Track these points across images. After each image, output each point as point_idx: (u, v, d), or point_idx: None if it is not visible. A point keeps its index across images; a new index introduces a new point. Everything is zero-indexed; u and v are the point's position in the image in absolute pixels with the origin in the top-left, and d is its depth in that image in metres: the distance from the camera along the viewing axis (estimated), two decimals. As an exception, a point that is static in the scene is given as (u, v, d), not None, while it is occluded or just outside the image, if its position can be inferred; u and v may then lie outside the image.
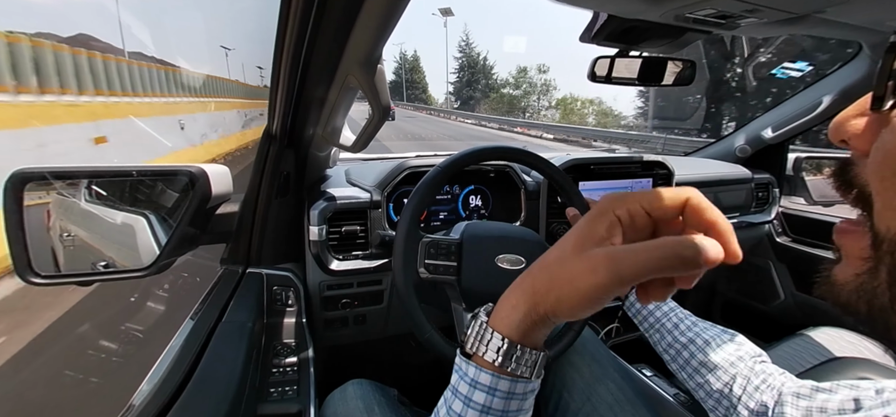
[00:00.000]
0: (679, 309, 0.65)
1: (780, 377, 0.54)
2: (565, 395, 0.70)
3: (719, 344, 0.59)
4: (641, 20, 0.76)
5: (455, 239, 0.68)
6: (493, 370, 0.32)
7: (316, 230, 0.84)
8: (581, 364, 0.71)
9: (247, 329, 0.64)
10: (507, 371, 0.32)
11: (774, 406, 0.51)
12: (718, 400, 0.57)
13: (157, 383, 0.51)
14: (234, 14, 43.85)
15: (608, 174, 1.10)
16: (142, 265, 0.65)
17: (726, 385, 0.56)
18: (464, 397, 0.33)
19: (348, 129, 0.79)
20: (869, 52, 1.02)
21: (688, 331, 0.62)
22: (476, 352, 0.33)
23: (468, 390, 0.32)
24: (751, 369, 0.56)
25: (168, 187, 0.71)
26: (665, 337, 0.64)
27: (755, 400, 0.53)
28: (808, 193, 1.41)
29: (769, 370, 0.56)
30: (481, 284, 0.67)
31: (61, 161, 1.02)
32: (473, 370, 0.32)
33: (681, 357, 0.62)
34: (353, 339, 0.96)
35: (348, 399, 0.65)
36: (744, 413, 0.54)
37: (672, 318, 0.64)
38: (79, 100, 5.03)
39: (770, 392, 0.52)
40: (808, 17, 0.71)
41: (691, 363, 0.60)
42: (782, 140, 1.39)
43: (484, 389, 0.32)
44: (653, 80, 0.98)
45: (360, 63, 0.50)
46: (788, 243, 1.43)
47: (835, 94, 1.17)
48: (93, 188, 0.68)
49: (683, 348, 0.61)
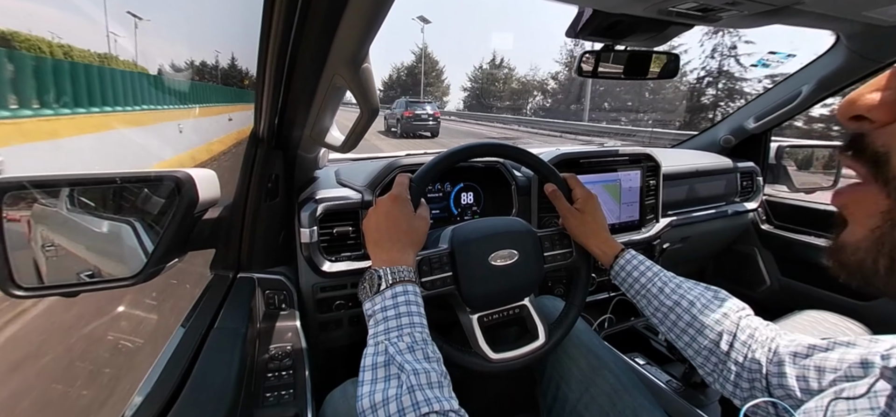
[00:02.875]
0: (662, 274, 0.66)
1: (767, 330, 0.55)
2: (563, 387, 0.71)
3: (703, 302, 0.60)
4: (626, 14, 0.77)
5: (445, 249, 0.67)
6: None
7: (307, 232, 0.83)
8: (578, 357, 0.72)
9: (239, 334, 0.63)
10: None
11: (768, 365, 0.51)
12: (707, 357, 0.58)
13: (149, 394, 0.50)
14: (215, 15, 43.06)
15: (597, 167, 1.11)
16: (129, 274, 0.64)
17: (713, 342, 0.57)
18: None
19: (337, 130, 0.78)
20: (846, 42, 1.05)
21: (672, 294, 0.62)
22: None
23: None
24: (736, 325, 0.57)
25: (153, 193, 0.70)
26: (651, 301, 0.64)
27: (744, 356, 0.54)
28: (791, 181, 1.45)
29: (754, 324, 0.57)
30: (481, 287, 0.67)
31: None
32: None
33: (668, 320, 0.62)
34: (348, 340, 0.96)
35: (349, 397, 0.65)
36: (733, 368, 0.55)
37: (656, 283, 0.64)
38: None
39: (762, 349, 0.53)
40: (786, 8, 0.72)
41: (678, 324, 0.61)
42: (765, 129, 1.42)
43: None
44: (638, 74, 1.00)
45: (347, 62, 0.50)
46: (773, 230, 1.47)
47: (813, 84, 1.20)
48: (75, 196, 0.67)
49: (670, 311, 0.62)
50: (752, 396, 0.53)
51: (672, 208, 1.27)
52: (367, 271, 0.57)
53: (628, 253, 0.69)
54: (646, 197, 1.18)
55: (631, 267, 0.67)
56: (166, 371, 0.54)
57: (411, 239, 0.61)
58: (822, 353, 0.46)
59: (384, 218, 0.60)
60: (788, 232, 1.42)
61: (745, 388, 0.54)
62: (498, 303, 0.70)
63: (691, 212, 1.30)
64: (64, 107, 6.33)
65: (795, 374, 0.47)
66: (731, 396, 0.56)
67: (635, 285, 0.67)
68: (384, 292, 0.54)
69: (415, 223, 0.62)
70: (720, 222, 1.37)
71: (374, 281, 0.55)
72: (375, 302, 0.54)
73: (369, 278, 0.56)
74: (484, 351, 0.66)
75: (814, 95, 1.22)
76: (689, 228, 1.28)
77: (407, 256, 0.59)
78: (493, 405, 1.03)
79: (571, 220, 0.73)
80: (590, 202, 0.73)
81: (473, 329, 0.67)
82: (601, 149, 1.19)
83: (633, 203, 1.17)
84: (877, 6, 0.76)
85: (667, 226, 1.21)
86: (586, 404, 0.68)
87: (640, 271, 0.66)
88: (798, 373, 0.47)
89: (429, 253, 0.66)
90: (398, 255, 0.58)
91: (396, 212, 0.60)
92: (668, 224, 1.21)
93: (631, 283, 0.67)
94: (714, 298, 0.61)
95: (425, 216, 0.65)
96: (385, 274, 0.55)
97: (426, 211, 0.66)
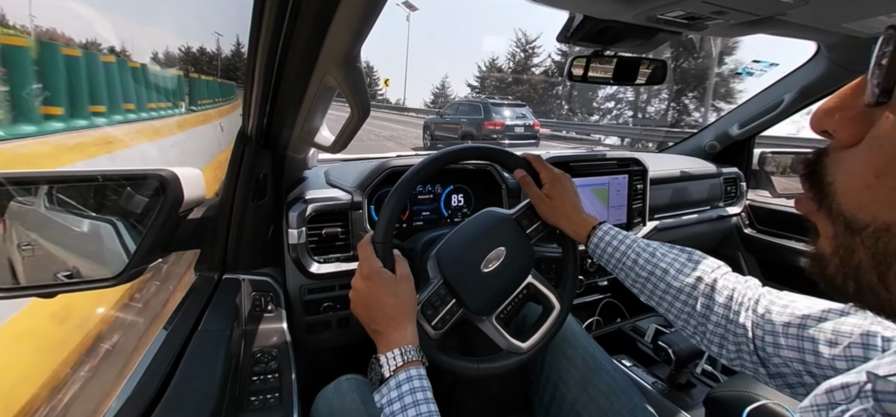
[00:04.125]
0: (636, 244, 0.65)
1: (745, 290, 0.55)
2: (561, 387, 0.72)
3: (677, 268, 0.61)
4: (615, 21, 0.78)
5: (439, 282, 0.66)
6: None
7: (295, 233, 0.82)
8: (575, 357, 0.73)
9: (224, 337, 0.62)
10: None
11: (754, 329, 0.51)
12: (687, 320, 0.59)
13: (129, 399, 0.48)
14: (204, 12, 42.07)
15: (587, 171, 1.12)
16: (110, 274, 0.62)
17: (690, 306, 0.58)
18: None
19: (327, 130, 0.78)
20: (826, 52, 1.08)
21: (647, 264, 0.63)
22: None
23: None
24: (711, 287, 0.57)
25: (137, 192, 0.68)
26: (629, 274, 0.65)
27: (725, 318, 0.55)
28: (772, 186, 1.48)
29: (730, 284, 0.57)
30: (485, 295, 0.67)
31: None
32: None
33: (646, 289, 0.63)
34: (336, 343, 0.95)
35: (343, 392, 0.64)
36: (716, 329, 0.56)
37: (631, 255, 0.65)
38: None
39: (745, 313, 0.53)
40: (770, 19, 0.75)
41: (656, 293, 0.62)
42: (748, 136, 1.45)
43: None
44: (626, 80, 1.01)
45: (338, 62, 0.49)
46: (755, 234, 1.50)
47: (795, 93, 1.24)
48: (54, 194, 0.65)
49: (647, 280, 0.63)
50: (740, 359, 0.53)
51: (658, 212, 1.29)
52: (371, 359, 0.56)
53: (601, 230, 0.69)
54: (633, 200, 1.20)
55: (604, 243, 0.68)
56: (147, 375, 0.52)
57: (402, 310, 0.57)
58: (816, 325, 0.46)
59: (365, 302, 0.57)
60: (770, 237, 1.46)
61: (731, 351, 0.54)
62: (507, 296, 0.70)
63: (677, 216, 1.33)
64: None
65: (790, 345, 0.47)
66: (718, 356, 0.57)
67: (611, 259, 0.67)
68: (389, 382, 0.52)
69: (398, 290, 0.57)
70: (705, 226, 1.39)
71: (376, 371, 0.54)
72: (383, 394, 0.52)
73: (371, 368, 0.55)
74: (516, 346, 0.68)
75: (795, 103, 1.25)
76: (675, 232, 1.30)
77: (404, 331, 0.56)
78: (486, 409, 1.03)
79: (542, 207, 0.72)
80: (557, 185, 0.72)
81: (497, 330, 0.68)
82: (590, 153, 1.20)
83: (621, 206, 1.18)
84: (855, 19, 0.79)
85: (653, 230, 1.23)
86: (585, 403, 0.69)
87: (614, 245, 0.66)
88: (794, 344, 0.47)
89: (427, 295, 0.64)
90: (396, 335, 0.55)
91: (376, 291, 0.56)
92: (654, 227, 1.23)
93: (607, 258, 0.68)
94: (688, 261, 0.61)
95: (406, 273, 0.60)
96: (386, 360, 0.53)
97: (405, 265, 0.61)
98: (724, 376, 1.02)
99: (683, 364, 0.96)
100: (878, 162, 0.23)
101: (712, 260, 0.61)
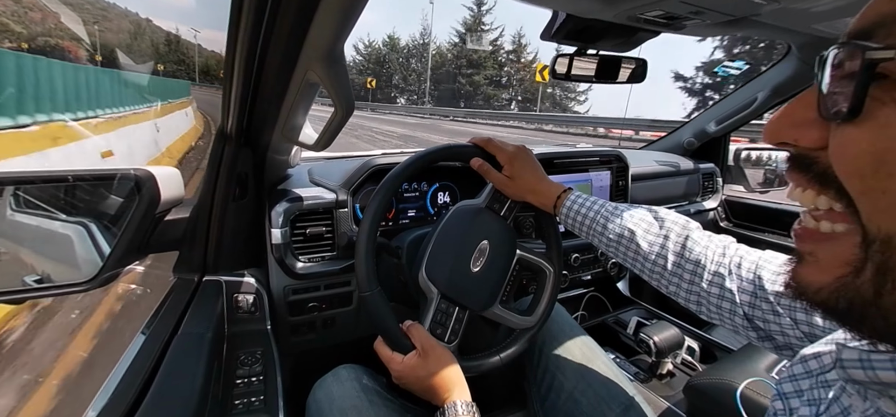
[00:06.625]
0: (604, 209, 0.66)
1: (718, 248, 0.56)
2: (559, 375, 0.73)
3: (644, 228, 0.62)
4: (597, 20, 0.80)
5: (437, 298, 0.66)
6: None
7: (278, 232, 0.80)
8: (573, 348, 0.75)
9: (206, 340, 0.60)
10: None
11: (741, 294, 0.52)
12: (661, 276, 0.60)
13: (105, 406, 0.47)
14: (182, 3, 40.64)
15: (570, 167, 1.14)
16: (82, 279, 0.60)
17: (661, 265, 0.60)
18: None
19: (310, 127, 0.76)
20: (797, 52, 1.13)
21: (616, 228, 0.63)
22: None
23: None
24: (681, 245, 0.59)
25: (110, 193, 0.65)
26: (600, 239, 0.65)
27: (693, 276, 0.57)
28: (747, 181, 1.54)
29: (701, 244, 0.57)
30: (484, 291, 0.68)
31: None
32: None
33: (619, 252, 0.64)
34: (321, 344, 0.94)
35: (343, 380, 0.64)
36: (685, 285, 0.57)
37: (600, 220, 0.65)
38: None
39: (730, 278, 0.53)
40: (744, 19, 0.77)
41: (628, 255, 0.63)
42: (724, 132, 1.50)
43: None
44: (608, 78, 1.03)
45: (321, 57, 0.48)
46: (731, 228, 1.55)
47: (768, 91, 1.28)
48: (20, 196, 0.62)
49: (618, 243, 0.63)
50: (733, 322, 0.53)
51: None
52: (440, 408, 0.59)
53: (569, 199, 0.68)
54: (615, 195, 1.22)
55: (574, 212, 0.67)
56: (125, 381, 0.50)
57: (455, 378, 0.61)
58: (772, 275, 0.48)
59: (423, 379, 0.60)
60: (745, 231, 1.51)
61: (712, 311, 0.55)
62: (503, 281, 0.72)
63: (658, 211, 1.36)
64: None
65: (786, 312, 0.47)
66: (697, 312, 0.58)
67: (583, 226, 0.67)
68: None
69: (445, 361, 0.61)
70: (684, 221, 1.43)
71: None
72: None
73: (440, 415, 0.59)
74: (526, 320, 0.71)
75: (768, 101, 1.30)
76: (656, 227, 1.34)
77: (463, 390, 0.60)
78: (480, 404, 1.04)
79: (507, 189, 0.72)
80: (516, 163, 0.70)
81: (505, 314, 0.71)
82: (574, 149, 1.22)
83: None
84: (824, 20, 0.82)
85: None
86: (582, 390, 0.70)
87: (583, 213, 0.66)
88: (787, 312, 0.47)
89: (432, 315, 0.66)
90: (458, 393, 0.59)
91: (430, 368, 0.60)
92: (636, 222, 1.26)
93: (578, 225, 0.67)
94: (654, 220, 0.62)
95: (446, 351, 0.63)
96: (450, 408, 0.57)
97: (445, 350, 0.64)
98: (702, 365, 1.06)
99: (664, 355, 0.99)
100: (858, 167, 0.22)
101: (679, 217, 0.62)
